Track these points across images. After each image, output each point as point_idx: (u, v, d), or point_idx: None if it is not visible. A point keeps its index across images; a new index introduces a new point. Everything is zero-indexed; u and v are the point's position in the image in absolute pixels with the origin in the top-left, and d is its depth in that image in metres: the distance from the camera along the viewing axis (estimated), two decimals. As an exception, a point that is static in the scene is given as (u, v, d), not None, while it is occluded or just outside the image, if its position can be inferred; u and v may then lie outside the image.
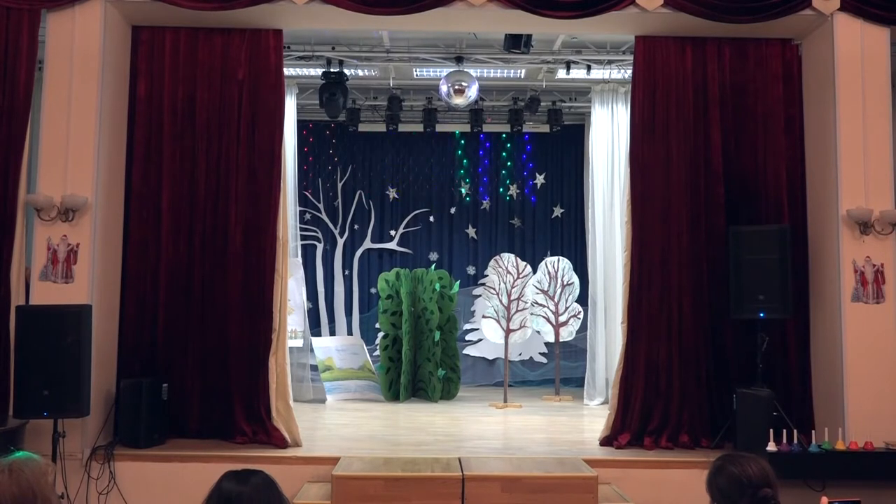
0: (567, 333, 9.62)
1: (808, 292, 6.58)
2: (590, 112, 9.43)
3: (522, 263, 9.50)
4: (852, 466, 5.61)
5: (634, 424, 6.42)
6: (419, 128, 10.13)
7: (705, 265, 6.60)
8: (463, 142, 11.16)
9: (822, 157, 6.50)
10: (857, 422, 5.89)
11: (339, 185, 11.14)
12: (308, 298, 10.19)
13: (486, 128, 10.33)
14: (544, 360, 10.59)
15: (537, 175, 11.19)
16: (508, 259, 9.50)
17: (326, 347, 9.46)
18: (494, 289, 9.38)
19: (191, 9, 6.20)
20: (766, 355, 6.27)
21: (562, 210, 11.15)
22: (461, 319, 10.31)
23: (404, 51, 8.36)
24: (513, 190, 11.21)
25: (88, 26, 6.09)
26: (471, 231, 11.20)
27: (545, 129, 10.26)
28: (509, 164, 11.24)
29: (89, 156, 6.03)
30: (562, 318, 9.57)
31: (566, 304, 9.60)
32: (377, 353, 9.60)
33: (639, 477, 5.80)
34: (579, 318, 9.55)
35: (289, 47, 7.72)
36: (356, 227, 11.16)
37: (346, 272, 11.09)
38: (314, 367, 9.32)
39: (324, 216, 11.11)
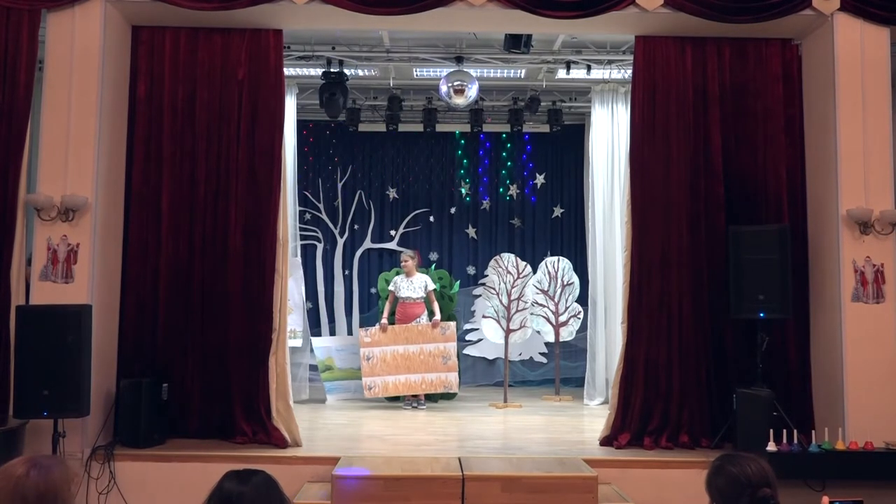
0: (567, 333, 9.61)
1: (808, 292, 6.58)
2: (590, 112, 9.41)
3: (522, 263, 9.48)
4: (852, 466, 5.61)
5: (634, 424, 6.42)
6: (419, 128, 10.12)
7: (705, 265, 6.60)
8: (463, 142, 11.14)
9: (822, 156, 6.50)
10: (857, 422, 5.89)
11: (339, 185, 11.13)
12: (308, 298, 10.19)
13: (486, 128, 10.32)
14: (544, 360, 10.57)
15: (537, 175, 11.18)
16: (508, 259, 9.49)
17: (326, 347, 9.46)
18: (494, 289, 9.38)
19: (191, 9, 6.20)
20: (766, 355, 6.26)
21: (562, 210, 11.14)
22: (461, 319, 10.29)
23: (404, 51, 8.35)
24: (513, 190, 11.19)
25: (88, 26, 6.09)
26: (471, 231, 11.19)
27: (545, 129, 10.25)
28: (509, 164, 11.23)
29: (89, 156, 6.03)
30: (562, 318, 9.57)
31: (566, 304, 9.59)
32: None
33: (639, 477, 5.80)
34: (579, 318, 9.54)
35: (289, 47, 7.72)
36: (356, 227, 11.14)
37: (346, 272, 11.08)
38: (314, 367, 9.32)
39: (324, 216, 11.10)
